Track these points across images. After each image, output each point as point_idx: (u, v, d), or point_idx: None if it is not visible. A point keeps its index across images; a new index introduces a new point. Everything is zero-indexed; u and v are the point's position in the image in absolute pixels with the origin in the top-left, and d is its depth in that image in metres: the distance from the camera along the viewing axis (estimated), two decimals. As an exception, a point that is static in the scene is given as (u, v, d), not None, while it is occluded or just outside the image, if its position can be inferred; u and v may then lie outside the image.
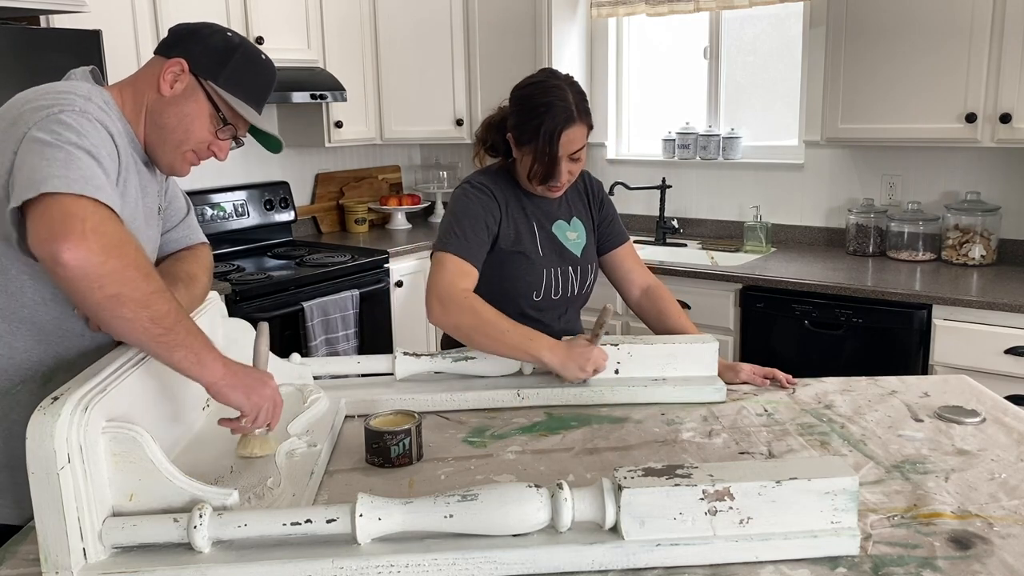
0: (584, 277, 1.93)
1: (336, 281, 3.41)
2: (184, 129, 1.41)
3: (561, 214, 1.93)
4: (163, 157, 1.44)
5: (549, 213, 1.91)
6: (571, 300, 1.93)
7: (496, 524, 1.08)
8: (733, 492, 1.08)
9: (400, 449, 1.40)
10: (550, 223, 1.90)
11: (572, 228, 1.93)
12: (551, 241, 1.89)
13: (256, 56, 1.47)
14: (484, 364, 1.71)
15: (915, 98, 2.97)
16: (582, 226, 1.95)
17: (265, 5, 3.43)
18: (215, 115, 1.42)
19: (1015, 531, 1.17)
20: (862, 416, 1.60)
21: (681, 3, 3.61)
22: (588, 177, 2.02)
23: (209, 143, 1.44)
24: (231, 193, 3.71)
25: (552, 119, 1.72)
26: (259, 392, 1.31)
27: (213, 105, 1.42)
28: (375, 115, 4.01)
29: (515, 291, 1.86)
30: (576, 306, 1.97)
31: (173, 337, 1.19)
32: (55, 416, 1.02)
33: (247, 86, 1.44)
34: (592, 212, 1.98)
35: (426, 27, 3.97)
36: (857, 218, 3.35)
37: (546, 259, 1.87)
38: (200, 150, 1.45)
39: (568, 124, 1.73)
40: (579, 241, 1.93)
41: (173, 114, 1.41)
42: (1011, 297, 2.64)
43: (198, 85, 1.41)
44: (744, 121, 3.79)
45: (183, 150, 1.43)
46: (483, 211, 1.81)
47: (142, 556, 1.08)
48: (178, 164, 1.45)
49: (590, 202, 1.98)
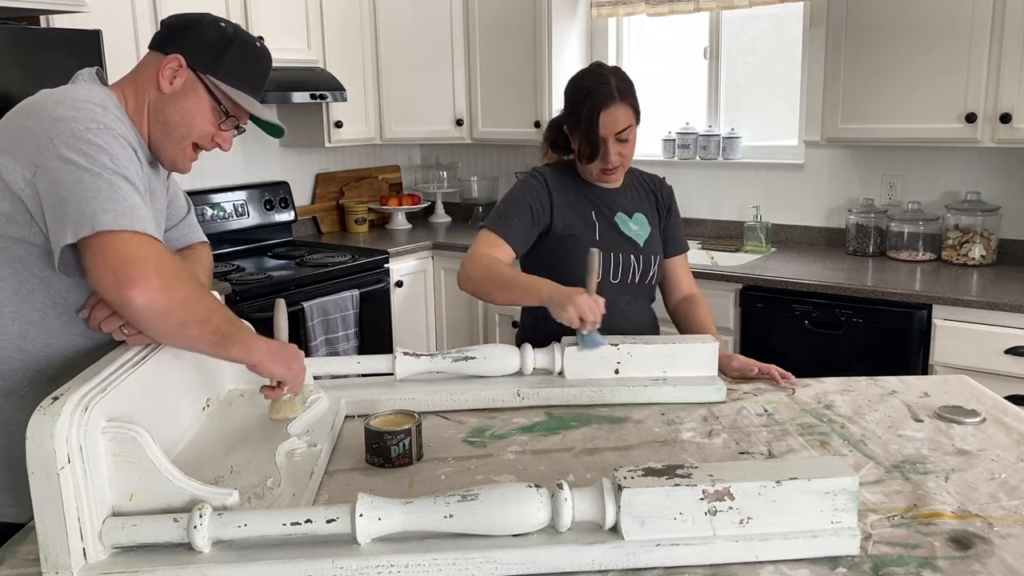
0: (647, 266, 1.98)
1: (336, 281, 3.41)
2: (187, 124, 1.43)
3: (624, 207, 2.00)
4: (166, 153, 1.45)
5: (611, 205, 1.99)
6: (634, 288, 1.98)
7: (496, 524, 1.08)
8: (733, 492, 1.08)
9: (400, 449, 1.40)
10: (612, 213, 1.99)
11: (634, 221, 2.00)
12: (610, 228, 1.97)
13: (252, 44, 1.48)
14: (484, 364, 1.71)
15: (915, 98, 2.97)
16: (646, 222, 2.01)
17: (265, 5, 3.43)
18: (217, 108, 1.44)
19: (1015, 531, 1.17)
20: (862, 416, 1.60)
21: (681, 3, 3.61)
22: (660, 182, 2.10)
23: (213, 135, 1.46)
24: (231, 193, 3.71)
25: (593, 101, 1.84)
26: (297, 362, 1.45)
27: (214, 99, 1.43)
28: (375, 115, 4.01)
29: (571, 273, 1.83)
30: (643, 296, 2.01)
31: (228, 338, 1.32)
32: (55, 416, 1.02)
33: (246, 76, 1.45)
34: (660, 215, 2.05)
35: (426, 27, 3.97)
36: (857, 218, 3.35)
37: (603, 244, 1.93)
38: (204, 143, 1.47)
39: (608, 103, 1.84)
40: (641, 233, 1.99)
41: (175, 110, 1.42)
42: (1011, 297, 2.64)
43: (197, 79, 1.42)
44: (744, 121, 3.79)
45: (185, 145, 1.45)
46: (529, 195, 1.96)
47: (142, 556, 1.08)
48: (180, 159, 1.47)
49: (658, 206, 2.06)
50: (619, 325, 1.92)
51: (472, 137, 4.08)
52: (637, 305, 2.01)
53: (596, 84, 1.86)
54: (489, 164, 4.50)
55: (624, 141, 1.88)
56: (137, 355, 1.27)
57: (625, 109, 1.86)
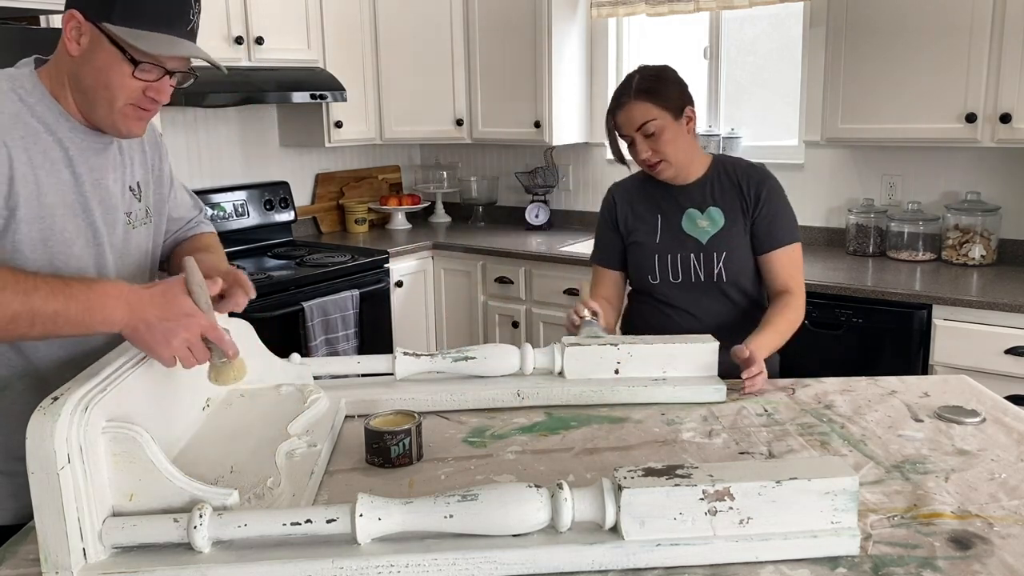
0: (709, 263, 1.96)
1: (336, 281, 3.41)
2: (104, 85, 1.29)
3: (696, 203, 2.00)
4: (102, 121, 1.33)
5: (682, 203, 2.01)
6: (699, 286, 1.98)
7: (496, 524, 1.08)
8: (733, 492, 1.08)
9: (400, 449, 1.40)
10: (681, 212, 2.00)
11: (705, 217, 1.99)
12: (673, 229, 2.00)
13: None
14: (484, 364, 1.71)
15: (915, 98, 2.97)
16: (720, 215, 1.98)
17: (265, 5, 3.43)
18: (125, 57, 1.27)
19: (1015, 531, 1.17)
20: (862, 416, 1.60)
21: (681, 3, 3.61)
22: (749, 175, 2.01)
23: (143, 89, 1.30)
24: (231, 193, 3.71)
25: (611, 106, 1.95)
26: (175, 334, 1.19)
27: (119, 48, 1.27)
28: (375, 115, 4.01)
29: (639, 276, 2.06)
30: (718, 295, 1.99)
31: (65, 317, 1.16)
32: (55, 416, 1.02)
33: (149, 11, 1.27)
34: (746, 208, 1.98)
35: (426, 27, 3.96)
36: (857, 218, 3.35)
37: (662, 245, 1.99)
38: (139, 100, 1.31)
39: (620, 104, 1.92)
40: (709, 229, 1.98)
41: (87, 73, 1.29)
42: (1011, 297, 2.64)
43: (99, 32, 1.27)
44: (744, 121, 3.79)
45: (118, 106, 1.31)
46: (604, 215, 2.10)
47: (142, 556, 1.08)
48: (121, 123, 1.33)
49: (743, 199, 1.99)
50: (688, 326, 1.96)
51: (472, 137, 4.08)
52: (710, 305, 1.99)
53: (618, 89, 1.94)
54: (489, 164, 4.50)
55: (651, 135, 1.89)
56: (137, 355, 1.26)
57: (642, 105, 1.88)
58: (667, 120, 1.89)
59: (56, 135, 1.31)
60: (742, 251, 1.98)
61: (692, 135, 1.97)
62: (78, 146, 1.34)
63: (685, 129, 1.93)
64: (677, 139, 1.91)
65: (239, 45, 3.32)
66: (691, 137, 1.96)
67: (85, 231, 1.36)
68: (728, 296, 2.00)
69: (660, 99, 1.89)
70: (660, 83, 1.91)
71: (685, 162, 1.96)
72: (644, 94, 1.89)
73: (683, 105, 1.92)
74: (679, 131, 1.92)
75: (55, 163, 1.31)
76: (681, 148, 1.93)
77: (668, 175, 1.97)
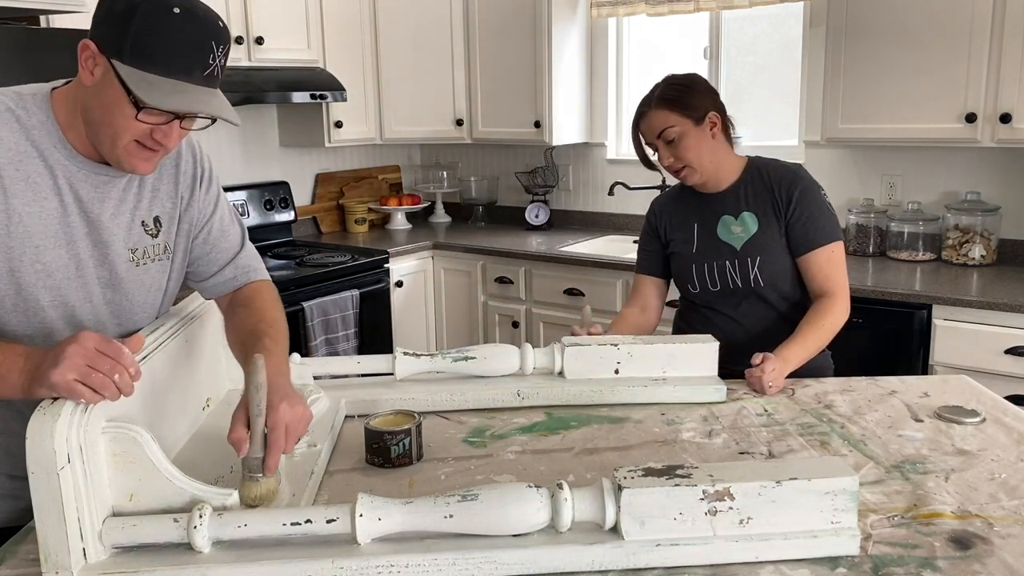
0: (744, 269, 1.95)
1: (336, 281, 3.42)
2: (109, 122, 1.21)
3: (730, 209, 2.00)
4: (107, 156, 1.26)
5: (717, 209, 2.01)
6: (738, 292, 1.97)
7: (496, 524, 1.08)
8: (733, 492, 1.08)
9: (400, 449, 1.40)
10: (716, 219, 2.00)
11: (739, 222, 1.98)
12: (709, 237, 2.00)
13: (162, 10, 1.17)
14: (484, 364, 1.71)
15: (915, 98, 2.97)
16: (754, 220, 1.97)
17: (265, 5, 3.43)
18: (129, 99, 1.18)
19: (1015, 531, 1.17)
20: (862, 416, 1.60)
21: (681, 3, 3.61)
22: (780, 177, 1.98)
23: (150, 131, 1.22)
24: (231, 193, 3.71)
25: (634, 117, 1.99)
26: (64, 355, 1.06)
27: (125, 88, 1.18)
28: (375, 115, 4.01)
29: (681, 285, 2.09)
30: (751, 298, 1.96)
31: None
32: (55, 416, 1.02)
33: (160, 54, 1.17)
34: (778, 211, 1.95)
35: (426, 27, 3.97)
36: (857, 218, 3.35)
37: (698, 255, 2.01)
38: (145, 140, 1.23)
39: (643, 113, 1.95)
40: (743, 235, 1.97)
41: (96, 106, 1.22)
42: (1011, 297, 2.64)
43: (110, 67, 1.18)
44: (744, 121, 3.78)
45: (121, 144, 1.23)
46: (646, 226, 2.14)
47: (142, 556, 1.08)
48: (125, 160, 1.25)
49: (775, 201, 1.96)
50: (731, 331, 1.95)
51: (472, 137, 4.08)
52: (751, 310, 1.96)
53: (642, 99, 1.97)
54: (489, 164, 4.50)
55: (671, 142, 1.91)
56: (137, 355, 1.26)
57: (661, 112, 1.91)
58: (687, 126, 1.90)
59: (48, 161, 1.25)
60: (777, 255, 1.94)
61: (719, 141, 1.95)
62: (74, 175, 1.28)
63: (708, 135, 1.92)
64: (700, 145, 1.91)
65: (239, 45, 3.32)
66: (718, 143, 1.94)
67: (67, 263, 1.29)
68: (767, 301, 1.96)
69: (679, 106, 1.90)
70: (682, 91, 1.92)
71: (712, 168, 1.95)
72: (664, 102, 1.91)
73: (706, 112, 1.91)
74: (701, 137, 1.91)
75: (40, 190, 1.25)
76: (705, 154, 1.92)
77: (695, 180, 1.97)
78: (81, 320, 1.32)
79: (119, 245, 1.35)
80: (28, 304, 1.27)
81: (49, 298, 1.28)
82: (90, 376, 1.05)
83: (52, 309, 1.29)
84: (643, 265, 2.14)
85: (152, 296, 1.43)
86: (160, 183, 1.42)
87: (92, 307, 1.34)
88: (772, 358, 1.73)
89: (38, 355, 1.11)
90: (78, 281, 1.31)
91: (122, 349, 1.10)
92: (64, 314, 1.31)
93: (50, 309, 1.29)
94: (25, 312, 1.27)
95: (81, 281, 1.32)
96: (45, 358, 1.08)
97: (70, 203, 1.28)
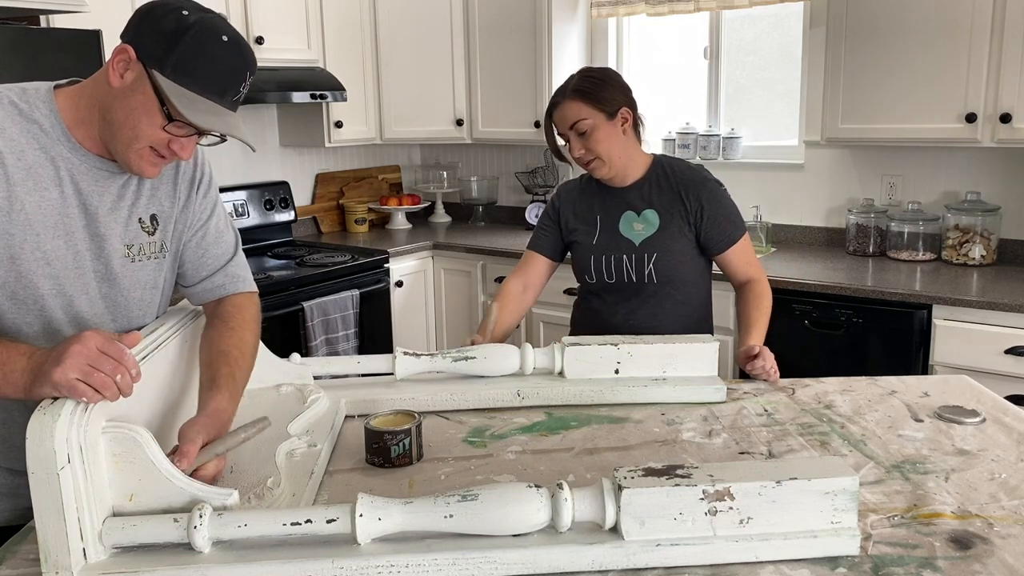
0: (640, 265, 2.01)
1: (336, 281, 3.41)
2: (132, 126, 1.26)
3: (634, 205, 2.04)
4: (118, 155, 1.30)
5: (621, 204, 2.05)
6: (632, 287, 2.03)
7: (496, 524, 1.08)
8: (733, 492, 1.08)
9: (400, 449, 1.40)
10: (619, 213, 2.05)
11: (641, 220, 2.03)
12: (610, 231, 2.05)
13: (213, 37, 1.25)
14: (484, 364, 1.71)
15: (915, 98, 2.97)
16: (656, 218, 2.02)
17: (265, 5, 3.43)
18: (162, 110, 1.24)
19: (1015, 531, 1.17)
20: (862, 416, 1.60)
21: (681, 3, 3.61)
22: (688, 183, 2.03)
23: (168, 141, 1.28)
24: (231, 193, 3.71)
25: (549, 103, 2.01)
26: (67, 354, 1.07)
27: (160, 98, 1.24)
28: (375, 115, 4.01)
29: (579, 275, 2.14)
30: (643, 292, 2.03)
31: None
32: (55, 416, 1.03)
33: (201, 75, 1.24)
34: (688, 216, 2.01)
35: (426, 27, 3.96)
36: (857, 218, 3.35)
37: (598, 247, 2.05)
38: (160, 148, 1.28)
39: (556, 104, 1.98)
40: (643, 232, 2.02)
41: (120, 108, 1.26)
42: (1011, 297, 2.64)
43: (146, 75, 1.24)
44: (744, 121, 3.79)
45: (136, 148, 1.28)
46: (548, 210, 2.16)
47: (142, 556, 1.08)
48: (135, 163, 1.30)
49: (685, 206, 2.01)
50: (624, 324, 2.03)
51: (472, 137, 4.08)
52: (642, 304, 2.04)
53: (556, 90, 2.00)
54: (489, 164, 4.50)
55: (583, 134, 1.94)
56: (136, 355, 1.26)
57: (576, 104, 1.93)
58: (599, 120, 1.94)
59: (49, 153, 1.28)
60: (674, 254, 2.01)
61: (629, 136, 2.00)
62: (76, 168, 1.30)
63: (620, 130, 1.97)
64: (610, 139, 1.95)
65: (239, 45, 3.32)
66: (628, 139, 1.99)
67: (65, 254, 1.31)
68: (660, 297, 2.04)
69: (593, 99, 1.93)
70: (596, 85, 1.95)
71: (620, 163, 2.00)
72: (578, 94, 1.94)
73: (618, 107, 1.95)
74: (612, 131, 1.95)
75: (41, 180, 1.27)
76: (615, 148, 1.97)
77: (603, 174, 2.01)
78: (79, 312, 1.34)
79: (115, 240, 1.37)
80: (28, 292, 1.29)
81: (48, 286, 1.30)
82: (92, 376, 1.06)
83: (51, 298, 1.31)
84: (538, 243, 2.15)
85: (148, 294, 1.44)
86: (160, 182, 1.43)
87: (89, 299, 1.35)
88: (765, 348, 1.81)
89: (41, 354, 1.12)
90: (75, 272, 1.33)
91: (124, 350, 1.11)
92: (62, 304, 1.32)
93: (49, 298, 1.30)
94: (25, 300, 1.29)
95: (78, 272, 1.33)
96: (48, 357, 1.09)
97: (70, 195, 1.31)
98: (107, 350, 1.09)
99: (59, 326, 1.32)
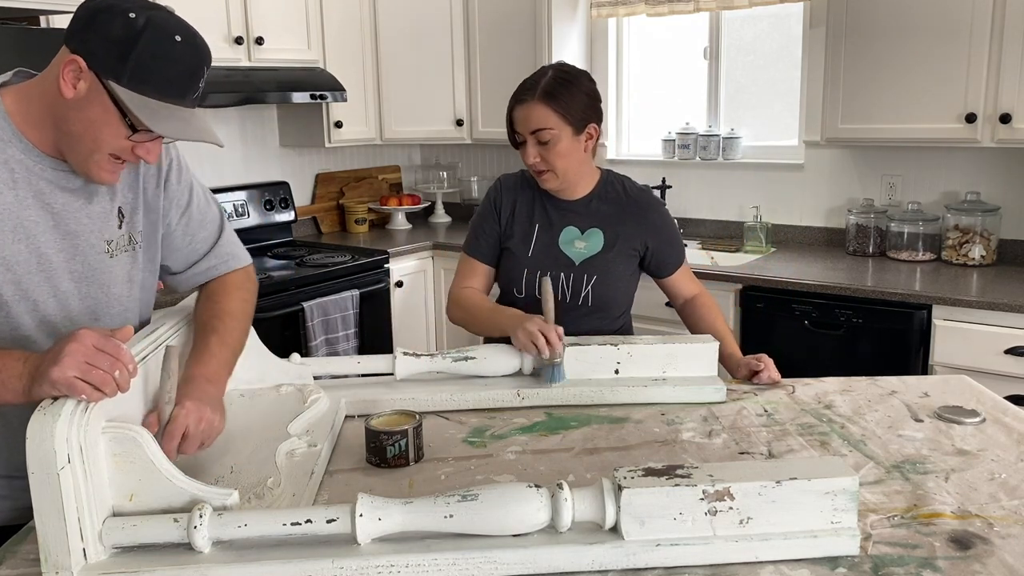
0: (578, 285, 1.90)
1: (336, 281, 3.41)
2: (92, 137, 1.22)
3: (578, 221, 1.92)
4: (77, 165, 1.27)
5: (564, 218, 1.92)
6: (563, 306, 1.87)
7: (496, 524, 1.08)
8: (733, 492, 1.08)
9: (396, 450, 1.40)
10: (560, 227, 1.92)
11: (583, 238, 1.91)
12: (547, 244, 1.92)
13: (167, 39, 1.20)
14: (484, 364, 1.71)
15: (915, 98, 2.97)
16: (600, 239, 1.91)
17: (265, 5, 3.43)
18: (124, 121, 1.21)
19: (1015, 531, 1.17)
20: (862, 416, 1.60)
21: (681, 3, 3.61)
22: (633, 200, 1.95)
23: (132, 148, 1.25)
24: (231, 193, 3.71)
25: (515, 94, 1.83)
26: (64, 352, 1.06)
27: (120, 109, 1.20)
28: (375, 115, 4.01)
29: (506, 285, 1.98)
30: (573, 313, 1.89)
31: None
32: (55, 416, 1.02)
33: (161, 81, 1.20)
34: (635, 237, 1.92)
35: (426, 27, 3.97)
36: (857, 218, 3.35)
37: (533, 260, 1.91)
38: (122, 154, 1.26)
39: (521, 100, 1.81)
40: (584, 251, 1.91)
41: (77, 120, 1.22)
42: (1011, 297, 2.64)
43: (101, 86, 1.19)
44: (744, 121, 3.79)
45: (96, 157, 1.25)
46: (489, 207, 1.97)
47: (142, 556, 1.08)
48: (95, 172, 1.26)
49: (634, 226, 1.92)
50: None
51: (472, 137, 4.08)
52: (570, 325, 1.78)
53: (526, 81, 1.83)
54: (489, 164, 4.50)
55: (544, 144, 1.80)
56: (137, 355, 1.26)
57: (543, 109, 1.78)
58: (565, 132, 1.80)
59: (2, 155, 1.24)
60: (614, 276, 1.91)
61: (589, 153, 1.87)
62: (31, 169, 1.26)
63: (582, 146, 1.84)
64: (571, 154, 1.82)
65: (239, 45, 3.32)
66: (587, 155, 1.87)
67: (27, 258, 1.27)
68: (591, 319, 1.92)
69: (563, 108, 1.78)
70: (569, 90, 1.80)
71: (574, 178, 1.88)
72: (548, 98, 1.78)
73: (587, 121, 1.82)
74: (575, 146, 1.82)
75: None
76: (573, 163, 1.84)
77: (552, 186, 1.87)
78: (47, 315, 1.31)
79: (92, 236, 1.34)
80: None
81: (10, 292, 1.27)
82: (90, 373, 1.06)
83: (15, 304, 1.27)
84: (478, 249, 1.96)
85: (127, 289, 1.41)
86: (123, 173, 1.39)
87: (58, 302, 1.32)
88: (764, 357, 1.78)
89: (36, 357, 1.12)
90: (40, 276, 1.30)
91: (120, 346, 1.10)
92: (28, 309, 1.29)
93: (13, 304, 1.27)
94: None
95: (44, 276, 1.30)
96: (44, 358, 1.09)
97: (27, 197, 1.27)
98: (103, 347, 1.08)
99: (27, 331, 1.29)
